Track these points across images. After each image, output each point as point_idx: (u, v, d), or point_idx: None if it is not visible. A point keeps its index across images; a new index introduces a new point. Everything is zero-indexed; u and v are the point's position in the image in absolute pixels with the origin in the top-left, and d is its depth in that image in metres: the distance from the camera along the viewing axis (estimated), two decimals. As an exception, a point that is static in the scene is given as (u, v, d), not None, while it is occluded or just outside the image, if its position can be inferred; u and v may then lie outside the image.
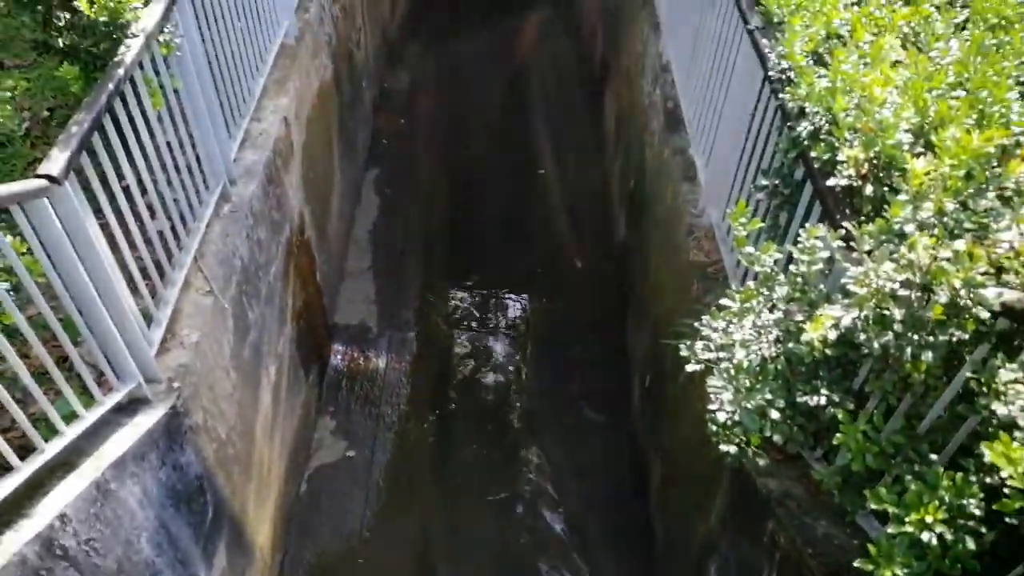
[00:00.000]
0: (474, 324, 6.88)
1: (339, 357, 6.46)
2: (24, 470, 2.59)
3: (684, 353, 2.64)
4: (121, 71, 3.05)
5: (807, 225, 2.55)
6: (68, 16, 3.21)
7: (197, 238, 3.81)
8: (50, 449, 2.70)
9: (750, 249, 2.62)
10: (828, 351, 2.30)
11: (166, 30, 3.44)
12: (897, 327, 1.98)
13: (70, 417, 2.85)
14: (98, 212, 3.01)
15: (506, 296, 7.15)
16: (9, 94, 3.84)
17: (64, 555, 2.61)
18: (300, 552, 5.21)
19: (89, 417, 2.91)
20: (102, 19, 3.09)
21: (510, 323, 6.92)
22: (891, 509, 1.90)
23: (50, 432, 2.75)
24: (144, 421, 3.13)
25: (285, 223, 5.03)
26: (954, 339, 1.93)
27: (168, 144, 3.58)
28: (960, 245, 2.00)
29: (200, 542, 3.63)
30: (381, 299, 6.96)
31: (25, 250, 2.61)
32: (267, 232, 4.62)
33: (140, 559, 3.06)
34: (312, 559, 5.20)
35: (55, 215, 2.65)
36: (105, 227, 3.04)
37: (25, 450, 2.65)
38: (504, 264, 7.42)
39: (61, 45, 3.29)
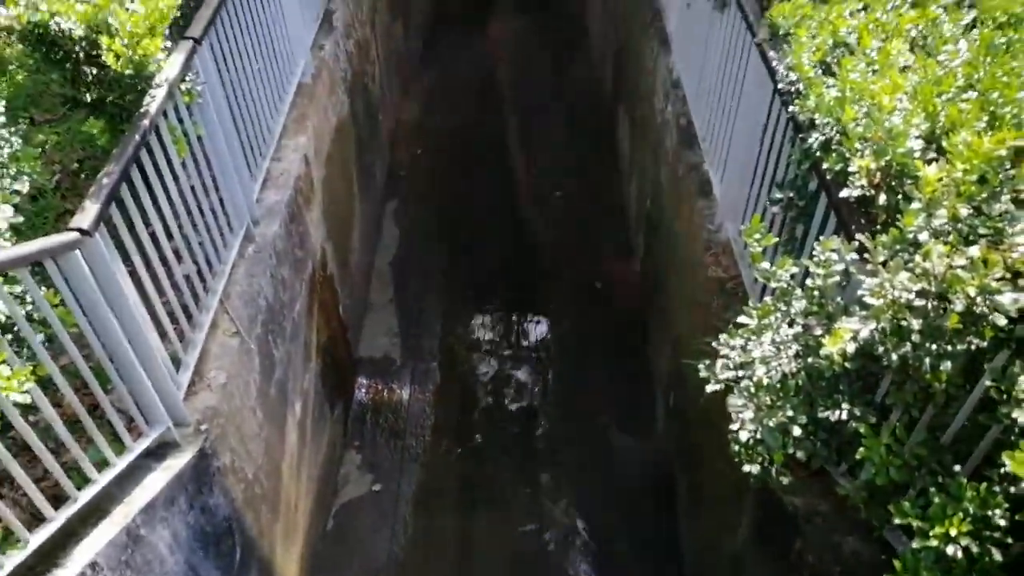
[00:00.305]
0: (496, 350, 6.90)
1: (363, 391, 6.51)
2: (57, 520, 2.64)
3: (704, 374, 2.63)
4: (146, 122, 3.15)
5: (823, 237, 2.55)
6: (95, 71, 3.32)
7: (223, 280, 3.89)
8: (82, 497, 2.76)
9: (766, 264, 2.61)
10: (848, 364, 2.28)
11: (188, 78, 3.55)
12: (915, 337, 1.96)
13: (102, 464, 2.91)
14: (126, 259, 3.10)
15: (527, 320, 7.16)
16: (40, 149, 3.98)
17: (97, 603, 2.66)
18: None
19: (120, 464, 2.97)
20: (127, 72, 3.19)
21: (532, 347, 6.93)
22: (915, 523, 1.88)
23: (82, 480, 2.81)
24: (173, 465, 3.18)
25: (308, 260, 5.12)
26: (973, 347, 1.91)
27: (192, 188, 3.68)
28: (975, 251, 1.98)
29: (230, 583, 3.67)
30: (404, 330, 7.02)
31: (58, 301, 2.70)
32: (290, 270, 4.70)
33: (171, 604, 3.10)
34: (340, 597, 5.21)
35: (86, 266, 2.73)
36: (133, 273, 3.13)
37: (58, 499, 2.71)
38: (524, 288, 7.45)
39: (88, 100, 3.40)
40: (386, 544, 5.44)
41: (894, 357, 1.99)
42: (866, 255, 2.21)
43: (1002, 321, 1.86)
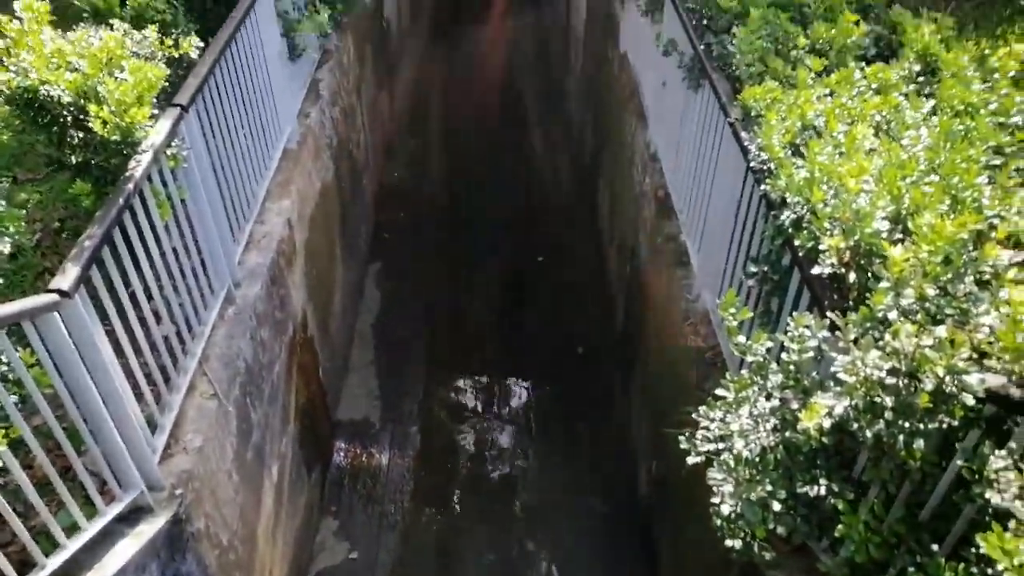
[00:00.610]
0: (478, 414, 6.87)
1: (342, 454, 6.42)
2: (22, 588, 2.57)
3: (684, 445, 2.65)
4: (131, 186, 3.18)
5: (796, 313, 2.61)
6: (81, 135, 3.36)
7: (202, 342, 3.88)
8: (51, 564, 2.68)
9: (742, 338, 2.67)
10: (825, 439, 2.31)
11: (174, 144, 3.61)
12: (888, 415, 2.01)
13: (72, 529, 2.84)
14: (105, 319, 3.09)
15: (509, 384, 7.16)
16: (23, 210, 3.98)
17: (62, 675, 2.56)
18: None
19: (91, 528, 2.90)
20: (114, 138, 3.24)
21: (513, 412, 6.91)
22: (897, 603, 1.89)
23: (51, 545, 2.74)
24: (146, 530, 3.11)
25: (288, 322, 5.11)
26: (945, 426, 1.96)
27: (174, 250, 3.69)
28: (942, 331, 2.05)
29: (201, 654, 3.54)
30: (384, 393, 6.97)
31: (34, 362, 2.68)
32: (270, 332, 4.69)
33: (140, 675, 2.99)
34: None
35: (64, 327, 2.72)
36: (112, 333, 3.11)
37: (26, 565, 2.63)
38: (507, 351, 7.47)
39: (74, 162, 3.44)
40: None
41: (868, 434, 2.03)
42: (838, 332, 2.27)
43: (971, 401, 1.91)
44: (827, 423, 2.16)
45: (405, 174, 10.08)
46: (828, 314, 2.36)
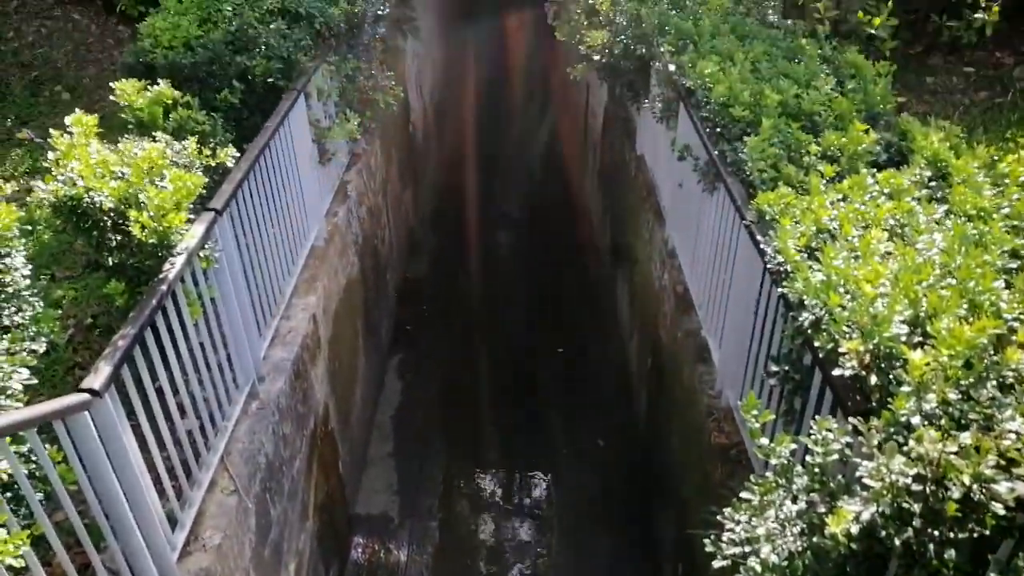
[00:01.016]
0: (498, 509, 6.76)
1: (359, 550, 6.30)
2: None
3: (710, 548, 2.60)
4: (164, 287, 3.31)
5: (818, 416, 2.61)
6: (119, 238, 3.51)
7: (225, 437, 3.91)
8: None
9: (764, 441, 2.65)
10: (854, 545, 2.26)
11: (207, 246, 3.75)
12: (916, 522, 1.98)
13: (88, 630, 2.81)
14: (131, 413, 3.14)
15: (530, 477, 7.06)
16: (58, 309, 4.12)
17: None
18: None
19: (104, 632, 2.86)
20: (151, 241, 3.38)
21: (534, 506, 6.79)
22: None
23: (64, 649, 2.71)
24: (160, 632, 3.06)
25: (310, 416, 5.14)
26: (976, 535, 1.92)
27: (201, 344, 3.78)
28: (967, 438, 2.04)
29: None
30: (403, 486, 6.90)
31: (60, 459, 2.72)
32: (292, 426, 4.71)
33: None
34: None
35: (93, 426, 2.77)
36: (137, 428, 3.15)
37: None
38: (527, 444, 7.39)
39: (111, 263, 3.58)
40: None
41: (897, 542, 1.99)
42: (861, 437, 2.26)
43: (1001, 511, 1.88)
44: (855, 529, 2.12)
45: (428, 269, 10.28)
46: (850, 419, 2.35)
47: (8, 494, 2.62)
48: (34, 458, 2.67)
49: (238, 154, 4.30)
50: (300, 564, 4.82)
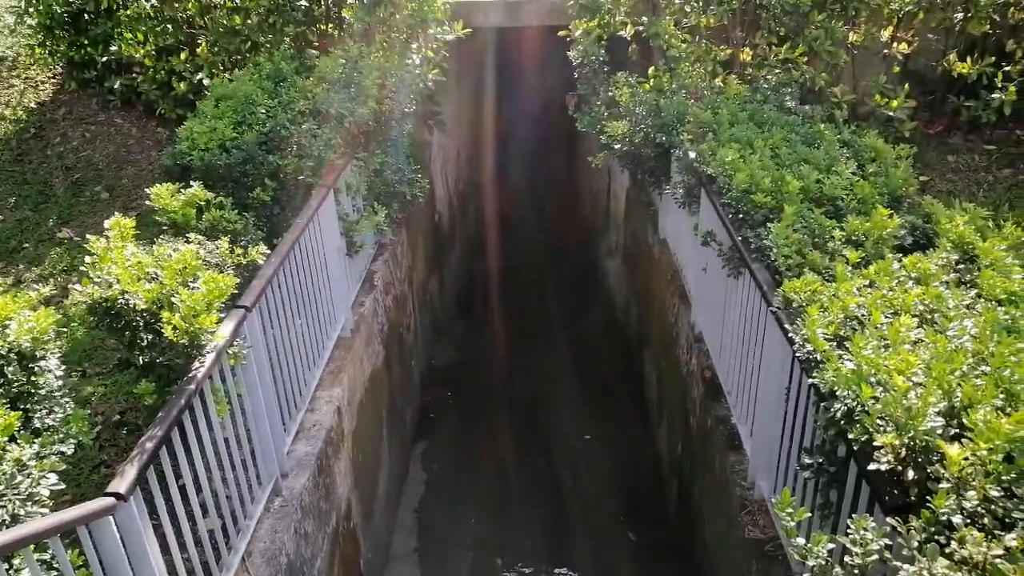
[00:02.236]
0: (527, 609, 6.49)
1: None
2: None
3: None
4: (192, 387, 3.34)
5: (855, 514, 2.51)
6: (150, 337, 3.58)
7: (247, 537, 3.85)
8: None
9: (801, 541, 2.55)
10: (901, 657, 2.13)
11: (236, 343, 3.80)
12: (965, 634, 1.87)
13: None
14: (152, 513, 3.12)
15: (558, 574, 6.79)
16: (87, 408, 4.16)
17: None
18: None
19: None
20: (182, 342, 3.44)
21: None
22: None
23: None
24: None
25: (332, 512, 5.05)
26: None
27: (226, 440, 3.77)
28: (1012, 540, 1.94)
29: None
30: (426, 587, 6.69)
31: (81, 563, 2.69)
32: (314, 524, 4.63)
33: None
34: None
35: (116, 529, 2.75)
36: (158, 527, 3.12)
37: None
38: (557, 540, 7.16)
39: (141, 362, 3.63)
40: None
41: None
42: (900, 539, 2.16)
43: (1053, 621, 1.77)
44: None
45: (453, 355, 10.28)
46: (888, 519, 2.25)
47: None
48: (56, 565, 2.65)
49: (268, 251, 4.40)
50: (322, 669, 4.65)
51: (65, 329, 4.98)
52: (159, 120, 7.88)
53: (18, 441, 2.89)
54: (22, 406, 3.17)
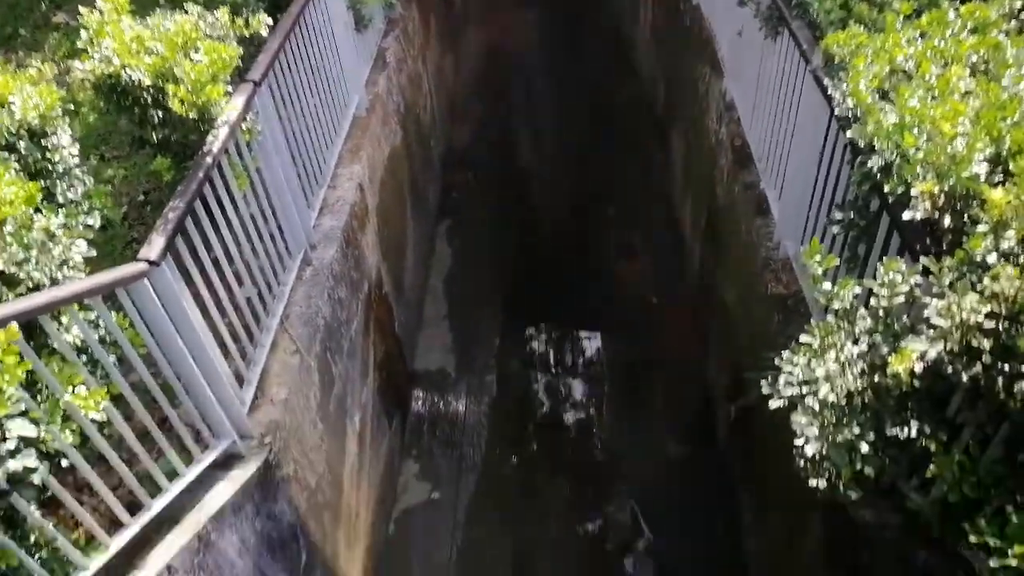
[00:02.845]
0: (551, 365, 6.92)
1: (420, 403, 6.62)
2: (134, 526, 2.78)
3: (766, 390, 2.59)
4: (208, 160, 3.29)
5: (885, 258, 2.49)
6: (161, 114, 3.47)
7: (282, 302, 4.01)
8: (156, 505, 2.89)
9: (827, 285, 2.57)
10: (916, 383, 2.22)
11: (248, 118, 3.69)
12: (986, 359, 1.91)
13: (172, 474, 3.03)
14: (190, 283, 3.22)
15: (582, 335, 7.14)
16: (109, 187, 4.15)
17: (171, 606, 2.74)
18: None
19: (189, 474, 3.09)
20: (191, 115, 3.34)
21: (587, 362, 6.92)
22: (992, 542, 1.80)
23: (155, 489, 2.93)
24: (239, 475, 3.29)
25: (363, 281, 5.22)
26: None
27: (252, 216, 3.80)
28: (1047, 274, 1.92)
29: (295, 587, 3.74)
30: (458, 345, 7.11)
31: (127, 325, 2.82)
32: (347, 291, 4.80)
33: (240, 607, 3.18)
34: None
35: (154, 292, 2.85)
36: (197, 296, 3.24)
37: (133, 507, 2.83)
38: (578, 304, 7.42)
39: (155, 139, 3.56)
40: (446, 548, 5.56)
41: (964, 377, 1.94)
42: (931, 277, 2.16)
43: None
44: (919, 367, 2.07)
45: (472, 136, 10.05)
46: (922, 259, 2.24)
47: (83, 358, 2.74)
48: (102, 324, 2.77)
49: (272, 22, 4.14)
50: (364, 415, 5.08)
51: (72, 106, 4.88)
52: None
53: (43, 212, 2.91)
54: (43, 182, 3.15)
